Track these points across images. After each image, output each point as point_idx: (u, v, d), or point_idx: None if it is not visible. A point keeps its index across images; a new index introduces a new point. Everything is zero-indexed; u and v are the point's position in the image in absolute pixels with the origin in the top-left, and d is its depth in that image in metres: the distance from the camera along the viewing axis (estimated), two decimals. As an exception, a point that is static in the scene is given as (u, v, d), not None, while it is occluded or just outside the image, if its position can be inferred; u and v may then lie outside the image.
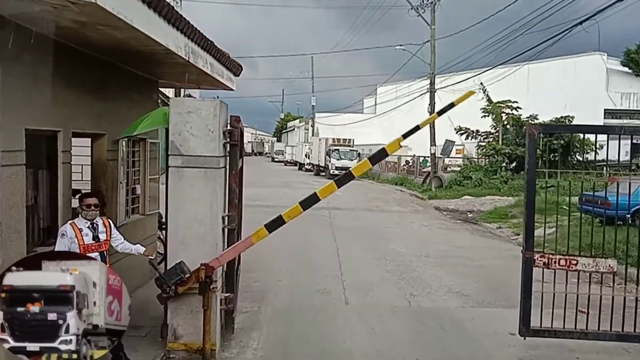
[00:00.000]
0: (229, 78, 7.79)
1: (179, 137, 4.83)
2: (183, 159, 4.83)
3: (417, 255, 10.15)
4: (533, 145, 6.05)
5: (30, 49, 4.19)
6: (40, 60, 4.50)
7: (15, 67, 4.14)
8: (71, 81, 5.22)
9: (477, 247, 11.58)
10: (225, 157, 5.10)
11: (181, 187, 4.83)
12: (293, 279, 8.11)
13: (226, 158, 5.11)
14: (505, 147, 24.13)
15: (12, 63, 4.08)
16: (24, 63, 4.26)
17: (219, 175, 4.90)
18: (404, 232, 13.12)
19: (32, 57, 4.34)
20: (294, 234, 12.12)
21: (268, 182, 28.89)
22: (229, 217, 5.11)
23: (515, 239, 12.89)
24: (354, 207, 18.44)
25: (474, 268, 9.33)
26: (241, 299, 6.85)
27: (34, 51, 4.29)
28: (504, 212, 16.28)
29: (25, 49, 4.14)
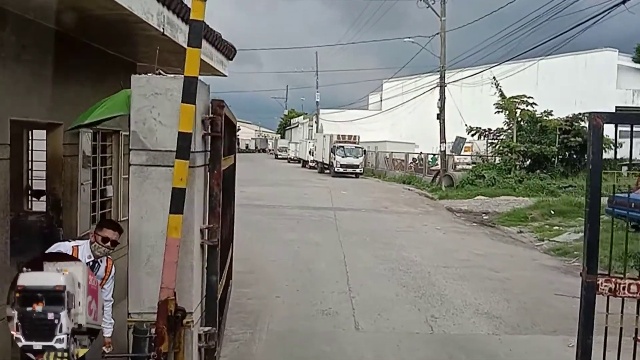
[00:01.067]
0: (219, 61, 6.66)
1: (143, 126, 3.70)
2: (148, 155, 3.69)
3: (435, 265, 9.01)
4: (598, 139, 4.82)
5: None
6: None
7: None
8: (11, 57, 4.11)
9: (499, 255, 10.42)
10: (205, 152, 3.96)
11: (146, 192, 3.70)
12: (294, 295, 6.98)
13: (206, 154, 3.97)
14: (520, 144, 22.88)
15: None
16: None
17: (197, 175, 3.77)
18: (417, 237, 11.97)
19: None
20: (296, 238, 11.03)
21: (270, 180, 27.80)
22: (210, 230, 3.97)
23: (540, 245, 11.75)
24: (361, 208, 17.32)
25: (500, 282, 8.17)
26: (231, 322, 5.74)
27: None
28: (524, 215, 15.11)
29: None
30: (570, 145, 23.20)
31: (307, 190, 23.05)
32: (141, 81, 3.82)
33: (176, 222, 3.38)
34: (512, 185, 21.75)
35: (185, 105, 3.40)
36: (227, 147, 4.95)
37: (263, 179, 28.79)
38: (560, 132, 23.42)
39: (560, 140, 23.34)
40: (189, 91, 3.39)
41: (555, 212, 15.21)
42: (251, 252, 9.31)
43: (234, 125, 5.59)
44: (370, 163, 38.43)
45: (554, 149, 22.84)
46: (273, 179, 28.92)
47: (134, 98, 3.71)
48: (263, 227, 12.30)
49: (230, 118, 4.75)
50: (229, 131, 5.07)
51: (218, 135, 3.95)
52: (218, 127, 3.94)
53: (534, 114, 23.89)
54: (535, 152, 22.71)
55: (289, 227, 12.46)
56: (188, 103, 3.39)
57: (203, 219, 4.00)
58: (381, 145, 41.22)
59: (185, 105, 3.40)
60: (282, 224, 12.93)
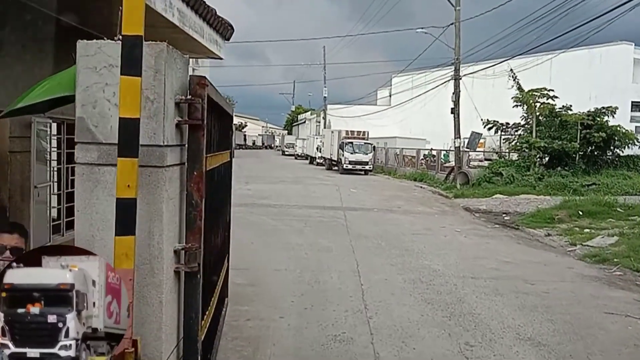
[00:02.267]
0: (212, 40, 5.62)
1: (92, 111, 2.68)
2: (101, 151, 2.68)
3: (460, 276, 7.94)
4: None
5: None
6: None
7: None
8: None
9: (530, 262, 9.33)
10: (181, 147, 2.94)
11: (98, 201, 2.70)
12: (301, 315, 5.95)
13: (182, 149, 2.95)
14: (539, 140, 21.70)
15: None
16: None
17: (166, 178, 2.75)
18: (436, 241, 10.90)
19: None
20: (303, 242, 10.00)
21: (277, 178, 26.80)
22: (188, 252, 2.95)
23: (572, 250, 10.64)
24: (372, 207, 16.27)
25: (538, 296, 7.10)
26: (225, 352, 4.74)
27: None
28: (549, 215, 13.97)
29: None
30: (593, 140, 21.97)
31: (315, 188, 22.04)
32: (90, 49, 2.78)
33: (126, 246, 2.35)
34: (532, 183, 20.62)
35: (128, 79, 2.35)
36: (216, 141, 3.93)
37: (269, 176, 27.81)
38: (581, 127, 22.22)
39: (582, 135, 22.14)
40: (131, 57, 2.34)
41: (584, 213, 14.07)
42: (252, 259, 8.30)
43: (227, 113, 4.56)
44: (379, 159, 37.33)
45: (575, 145, 21.63)
46: (279, 176, 27.93)
47: (80, 72, 2.68)
48: (267, 230, 11.30)
49: (219, 103, 3.72)
50: (219, 120, 4.05)
51: (198, 124, 2.93)
52: (198, 112, 2.91)
53: (554, 108, 22.70)
54: (557, 148, 21.52)
55: (296, 230, 11.44)
56: (131, 75, 2.35)
57: (178, 236, 2.98)
58: (391, 141, 40.15)
59: (127, 78, 2.35)
60: (288, 226, 11.92)
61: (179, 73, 2.89)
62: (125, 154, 2.39)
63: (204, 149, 2.96)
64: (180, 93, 2.88)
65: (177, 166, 2.88)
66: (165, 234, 2.76)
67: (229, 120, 5.08)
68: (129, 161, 2.40)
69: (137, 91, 2.35)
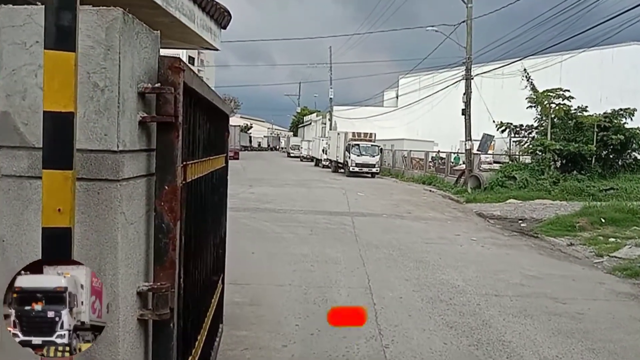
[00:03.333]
0: (206, 27, 4.89)
1: (21, 103, 1.95)
2: (33, 158, 1.95)
3: (483, 294, 7.17)
4: None
5: None
6: None
7: None
8: None
9: (556, 277, 8.53)
10: (148, 154, 2.21)
11: (29, 226, 1.98)
12: (306, 344, 5.19)
13: (150, 156, 2.22)
14: (555, 142, 20.84)
15: None
16: None
17: (126, 196, 2.03)
18: (452, 251, 10.11)
19: None
20: (309, 252, 9.24)
21: (282, 180, 26.10)
22: (157, 293, 2.21)
23: (600, 262, 9.84)
24: (381, 213, 15.50)
25: (573, 319, 6.32)
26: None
27: None
28: (570, 223, 13.15)
29: None
30: (611, 143, 21.08)
31: (321, 192, 21.30)
32: (17, 17, 2.05)
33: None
34: (547, 188, 19.77)
35: (56, 54, 1.62)
36: (203, 143, 3.20)
37: (274, 178, 27.12)
38: (598, 130, 21.36)
39: (598, 138, 21.27)
40: (60, 22, 1.61)
41: (606, 220, 13.24)
42: (253, 272, 7.58)
43: (219, 110, 3.83)
44: (386, 162, 36.57)
45: (592, 147, 20.76)
46: (284, 179, 27.23)
47: (4, 50, 1.97)
48: (270, 238, 10.56)
49: (205, 96, 2.99)
50: (207, 117, 3.32)
51: (170, 122, 2.19)
52: (170, 105, 2.16)
53: (569, 109, 21.86)
54: (572, 150, 20.66)
55: (301, 238, 10.69)
56: (61, 49, 1.62)
57: (144, 272, 2.24)
58: (398, 143, 39.35)
59: (54, 53, 1.62)
60: (293, 234, 11.17)
61: (144, 53, 2.15)
62: (53, 165, 1.66)
63: (178, 155, 2.22)
64: (147, 80, 2.15)
65: (140, 179, 2.15)
66: (121, 272, 2.02)
67: (223, 119, 4.34)
68: (60, 174, 1.67)
69: (70, 72, 1.61)
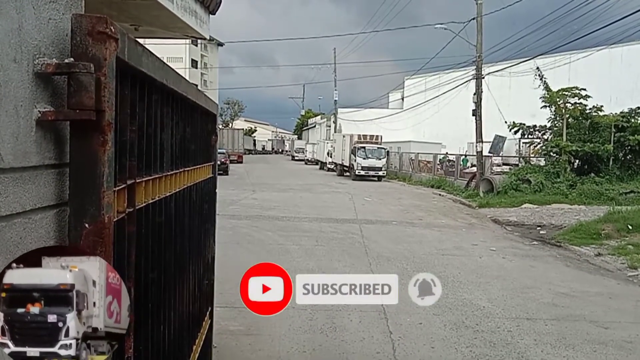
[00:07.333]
0: (190, 11, 4.08)
1: None
2: None
3: (513, 317, 6.32)
4: None
5: None
6: None
7: None
8: None
9: (591, 294, 7.65)
10: (57, 172, 1.39)
11: None
12: (312, 388, 4.36)
13: (61, 175, 1.40)
14: (571, 143, 19.93)
15: None
16: None
17: (14, 242, 1.22)
18: (471, 265, 9.25)
19: None
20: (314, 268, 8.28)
21: (286, 185, 25.30)
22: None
23: (635, 275, 8.96)
24: (390, 220, 14.65)
25: (621, 349, 5.45)
26: None
27: None
28: (594, 230, 12.24)
29: None
30: (628, 144, 20.15)
31: (326, 197, 20.47)
32: None
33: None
34: (563, 191, 18.88)
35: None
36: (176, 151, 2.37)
37: (278, 183, 26.33)
38: (615, 130, 20.44)
39: (615, 138, 20.34)
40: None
41: (633, 227, 12.33)
42: (253, 294, 6.73)
43: (202, 109, 3.01)
44: (393, 165, 35.71)
45: (609, 148, 19.82)
46: (289, 183, 26.42)
47: None
48: (272, 250, 9.73)
49: (171, 86, 2.16)
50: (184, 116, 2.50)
51: (88, 119, 1.37)
52: (88, 94, 1.33)
53: (585, 109, 20.95)
54: (588, 151, 19.74)
55: (306, 250, 9.86)
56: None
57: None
58: (405, 145, 38.48)
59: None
60: (297, 245, 10.34)
61: (48, 10, 1.34)
62: None
63: (105, 172, 1.39)
64: (55, 54, 1.33)
65: (38, 214, 1.33)
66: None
67: (208, 120, 3.52)
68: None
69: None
